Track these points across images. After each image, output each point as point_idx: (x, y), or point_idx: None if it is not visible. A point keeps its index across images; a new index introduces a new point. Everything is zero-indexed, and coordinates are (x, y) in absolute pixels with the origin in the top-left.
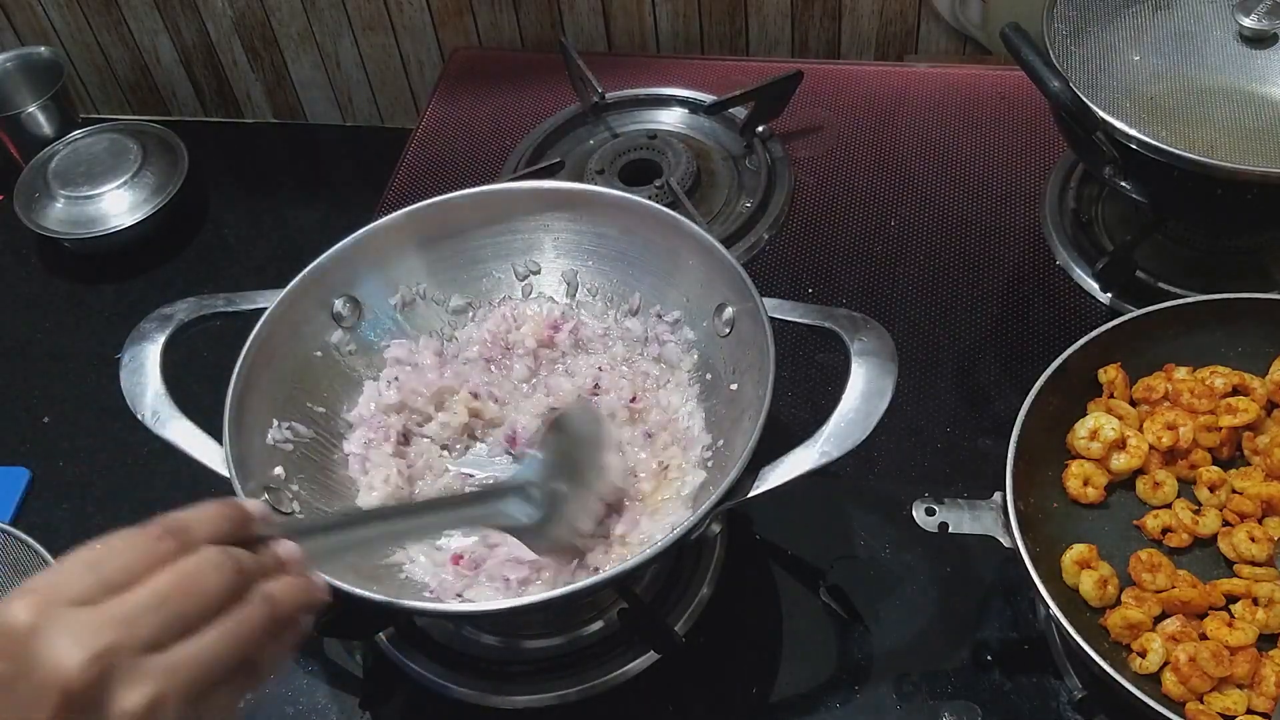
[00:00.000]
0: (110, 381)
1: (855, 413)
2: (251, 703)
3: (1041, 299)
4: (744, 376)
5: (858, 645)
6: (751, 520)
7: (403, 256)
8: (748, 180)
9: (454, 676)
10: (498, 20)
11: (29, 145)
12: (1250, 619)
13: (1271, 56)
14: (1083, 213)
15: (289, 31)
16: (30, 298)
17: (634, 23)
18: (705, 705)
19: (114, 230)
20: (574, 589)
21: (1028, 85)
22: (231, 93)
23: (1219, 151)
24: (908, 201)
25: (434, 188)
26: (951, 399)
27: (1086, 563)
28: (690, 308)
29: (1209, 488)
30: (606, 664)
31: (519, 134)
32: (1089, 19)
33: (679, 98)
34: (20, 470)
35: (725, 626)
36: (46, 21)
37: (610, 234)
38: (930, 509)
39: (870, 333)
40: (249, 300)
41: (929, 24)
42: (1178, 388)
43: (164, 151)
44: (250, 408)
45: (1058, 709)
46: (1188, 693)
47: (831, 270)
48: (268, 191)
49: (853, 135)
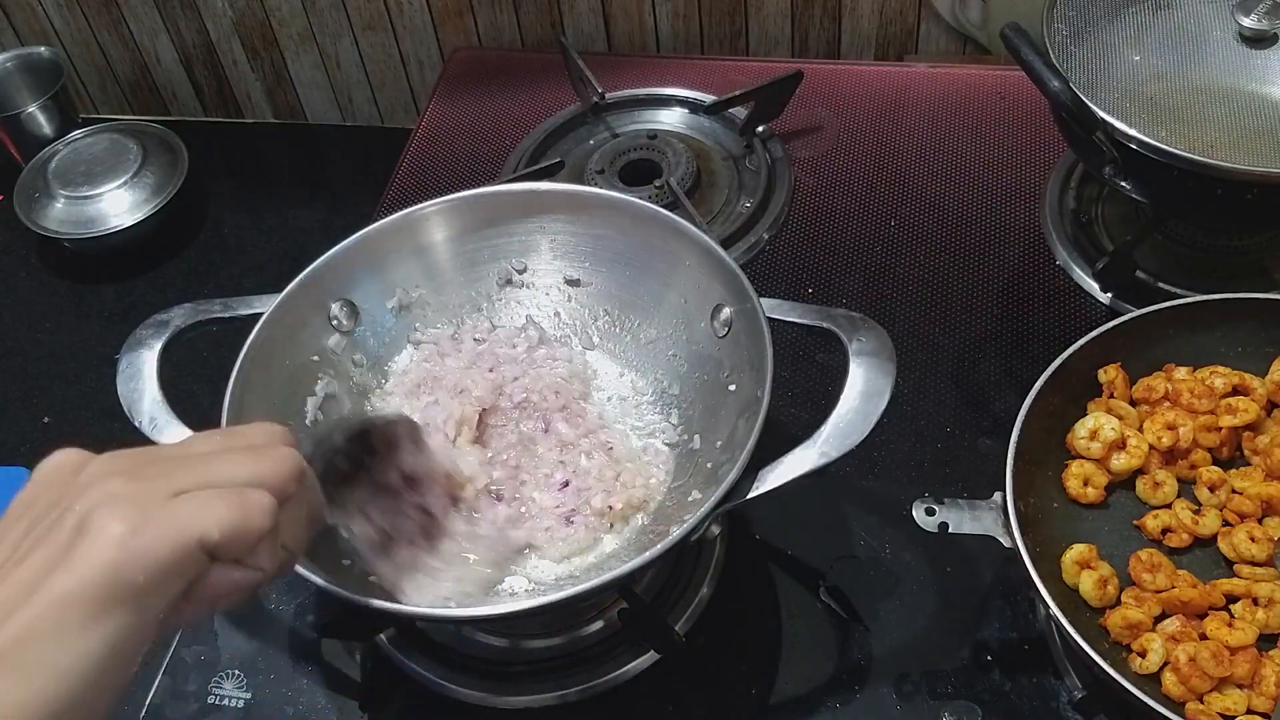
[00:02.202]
0: (110, 382)
1: (854, 413)
2: (252, 704)
3: (1041, 299)
4: (742, 377)
5: (858, 645)
6: (751, 521)
7: (400, 260)
8: (748, 180)
9: (454, 677)
10: (498, 20)
11: (29, 145)
12: (1250, 619)
13: (1271, 56)
14: (1083, 213)
15: (289, 31)
16: (30, 298)
17: (634, 23)
18: (705, 705)
19: (114, 230)
20: (575, 592)
21: (1028, 85)
22: (231, 93)
23: (1219, 151)
24: (908, 201)
25: (434, 188)
26: (951, 399)
27: (1086, 563)
28: (688, 308)
29: (1209, 488)
30: (606, 664)
31: (519, 134)
32: (1089, 19)
33: (679, 98)
34: (20, 470)
35: (725, 626)
36: (46, 21)
37: (608, 235)
38: (930, 509)
39: (869, 333)
40: (245, 305)
41: (929, 24)
42: (1178, 388)
43: (164, 151)
44: (248, 413)
45: (1058, 709)
46: (1188, 693)
47: (831, 270)
48: (268, 191)
49: (853, 135)
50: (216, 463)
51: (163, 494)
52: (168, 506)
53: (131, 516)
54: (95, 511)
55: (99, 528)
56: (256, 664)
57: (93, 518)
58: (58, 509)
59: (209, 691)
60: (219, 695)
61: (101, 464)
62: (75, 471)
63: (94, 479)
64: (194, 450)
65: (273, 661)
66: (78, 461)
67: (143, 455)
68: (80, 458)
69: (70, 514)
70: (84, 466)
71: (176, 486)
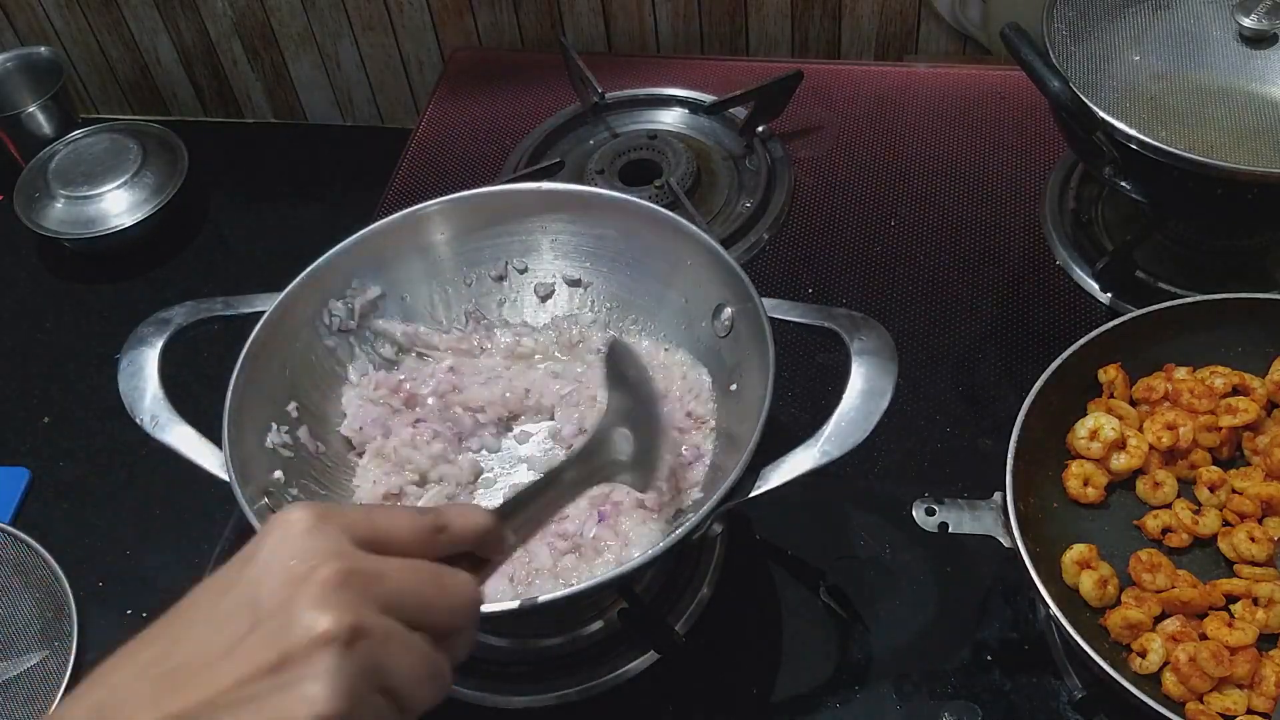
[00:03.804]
0: (110, 382)
1: (855, 412)
2: None
3: (1041, 299)
4: (744, 377)
5: (858, 645)
6: (751, 520)
7: (400, 259)
8: (748, 180)
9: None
10: (498, 20)
11: (29, 145)
12: (1250, 619)
13: (1271, 56)
14: (1083, 213)
15: (289, 31)
16: (30, 298)
17: (634, 23)
18: (705, 705)
19: (114, 230)
20: (576, 590)
21: (1028, 85)
22: (231, 93)
23: (1219, 151)
24: (908, 201)
25: (434, 188)
26: (951, 399)
27: (1086, 563)
28: (689, 308)
29: (1209, 488)
30: (606, 664)
31: (519, 134)
32: (1089, 19)
33: (679, 98)
34: (20, 470)
35: (725, 626)
36: (46, 21)
37: (609, 235)
38: (930, 509)
39: (870, 332)
40: (247, 303)
41: (929, 24)
42: (1178, 388)
43: (164, 151)
44: (249, 411)
45: (1058, 709)
46: (1188, 693)
47: (831, 270)
48: (268, 191)
49: (853, 135)
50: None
51: (372, 676)
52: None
53: (340, 697)
54: (310, 672)
55: (306, 692)
56: None
57: (307, 677)
58: (278, 624)
59: None
60: None
61: (331, 584)
62: (306, 570)
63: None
64: (406, 587)
65: None
66: (309, 549)
67: (367, 578)
68: (312, 546)
69: (290, 654)
70: (315, 568)
71: (388, 663)
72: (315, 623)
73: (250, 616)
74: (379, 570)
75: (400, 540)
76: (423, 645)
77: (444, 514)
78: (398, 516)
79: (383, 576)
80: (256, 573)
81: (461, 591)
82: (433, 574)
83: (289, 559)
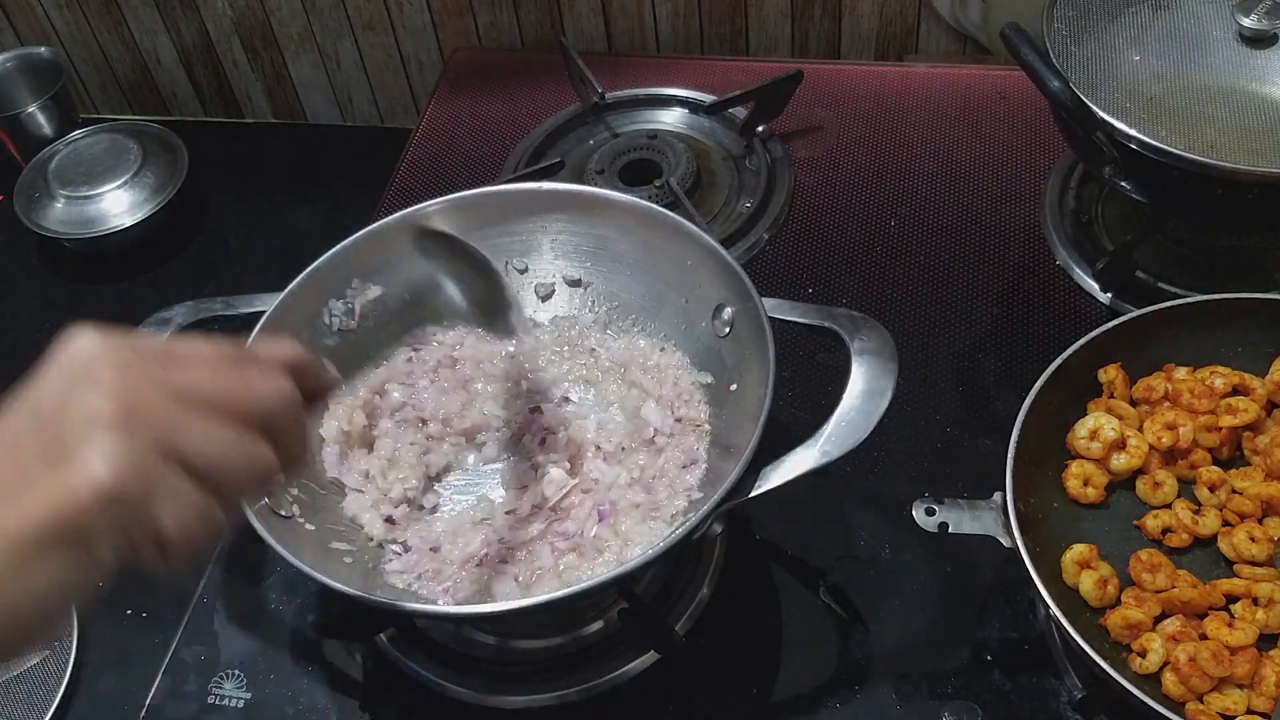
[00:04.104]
0: None
1: (856, 412)
2: (252, 704)
3: (1041, 299)
4: (744, 377)
5: (858, 645)
6: (751, 520)
7: (401, 259)
8: (748, 180)
9: (454, 677)
10: (498, 20)
11: (29, 145)
12: (1250, 619)
13: (1271, 56)
14: (1083, 213)
15: (289, 31)
16: (30, 298)
17: (634, 23)
18: (705, 705)
19: (114, 230)
20: (576, 590)
21: (1028, 85)
22: (231, 93)
23: (1219, 151)
24: (908, 201)
25: (434, 188)
26: (951, 399)
27: (1086, 563)
28: (689, 308)
29: (1209, 488)
30: (606, 664)
31: (519, 134)
32: (1089, 19)
33: (679, 98)
34: None
35: (725, 626)
36: (46, 21)
37: (609, 235)
38: (930, 509)
39: (870, 332)
40: (247, 303)
41: (929, 24)
42: (1178, 388)
43: (164, 151)
44: None
45: (1058, 709)
46: (1188, 693)
47: (831, 270)
48: (268, 191)
49: (853, 135)
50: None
51: (158, 446)
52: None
53: (119, 467)
54: (85, 448)
55: (82, 468)
56: (256, 664)
57: (81, 453)
58: (55, 416)
59: (209, 691)
60: (219, 695)
61: (110, 377)
62: (86, 370)
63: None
64: (201, 381)
65: (273, 661)
66: (90, 355)
67: (150, 372)
68: (94, 352)
69: (64, 439)
70: (94, 368)
71: (177, 439)
72: (88, 404)
73: (31, 419)
74: (166, 366)
75: (200, 357)
76: (224, 425)
77: (251, 346)
78: (199, 343)
79: (170, 371)
80: (40, 385)
81: (267, 383)
82: (232, 368)
83: (70, 367)
